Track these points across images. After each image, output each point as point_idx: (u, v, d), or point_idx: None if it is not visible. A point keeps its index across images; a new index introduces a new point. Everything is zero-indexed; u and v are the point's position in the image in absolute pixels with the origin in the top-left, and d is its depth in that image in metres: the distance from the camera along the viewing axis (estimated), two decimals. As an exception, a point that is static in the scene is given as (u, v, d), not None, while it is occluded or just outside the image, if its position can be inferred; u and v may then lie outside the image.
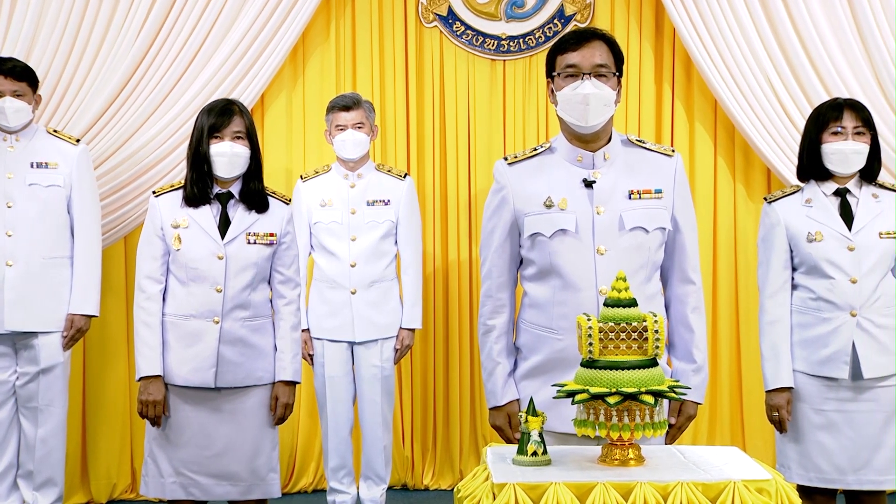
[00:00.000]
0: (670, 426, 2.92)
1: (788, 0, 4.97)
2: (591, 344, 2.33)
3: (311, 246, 4.76)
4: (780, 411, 3.57)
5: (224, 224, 3.57)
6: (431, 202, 5.35)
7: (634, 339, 2.34)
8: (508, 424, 2.96)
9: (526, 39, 5.31)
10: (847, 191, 3.59)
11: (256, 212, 3.60)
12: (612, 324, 2.34)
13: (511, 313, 3.01)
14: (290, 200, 3.75)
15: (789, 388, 3.57)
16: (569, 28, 5.20)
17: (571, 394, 2.33)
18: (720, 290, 5.27)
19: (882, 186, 3.62)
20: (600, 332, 2.33)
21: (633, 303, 2.37)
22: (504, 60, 5.34)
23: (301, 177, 4.87)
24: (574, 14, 5.27)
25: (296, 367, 3.65)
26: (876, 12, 4.94)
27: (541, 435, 2.38)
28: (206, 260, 3.54)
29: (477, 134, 5.35)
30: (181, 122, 5.02)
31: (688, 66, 5.21)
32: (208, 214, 3.57)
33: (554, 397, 2.44)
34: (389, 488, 5.01)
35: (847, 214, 3.57)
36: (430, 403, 5.39)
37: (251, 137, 3.59)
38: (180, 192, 3.60)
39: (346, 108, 4.69)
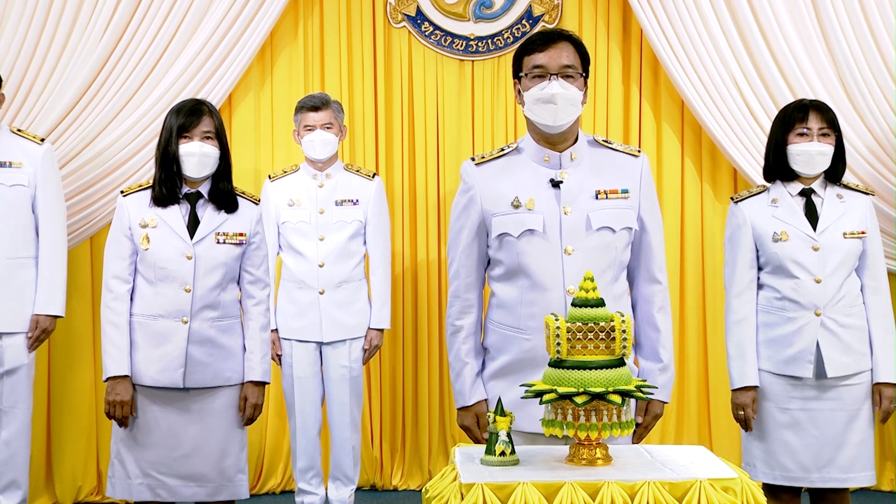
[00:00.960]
0: (637, 425, 2.94)
1: (754, 2, 5.02)
2: (559, 344, 2.34)
3: (280, 246, 4.75)
4: (746, 410, 3.60)
5: (193, 224, 3.56)
6: (400, 202, 5.35)
7: (602, 339, 2.34)
8: (476, 424, 2.96)
9: (494, 40, 5.32)
10: (812, 191, 3.63)
11: (226, 212, 3.59)
12: (580, 324, 2.35)
13: (479, 313, 3.01)
14: (259, 200, 3.74)
15: (755, 387, 3.60)
16: (537, 29, 5.22)
17: (539, 394, 2.34)
18: (687, 289, 5.31)
19: (846, 187, 3.66)
20: (568, 332, 2.34)
21: (600, 303, 2.38)
22: (472, 61, 5.35)
23: (269, 176, 4.85)
24: (542, 15, 5.29)
25: (265, 368, 3.64)
26: (839, 14, 4.99)
27: (509, 435, 2.39)
28: (174, 260, 3.52)
29: (446, 134, 5.36)
30: (148, 122, 4.99)
31: (655, 67, 5.25)
32: (177, 214, 3.55)
33: (522, 397, 2.44)
34: (358, 489, 5.01)
35: (812, 215, 3.61)
36: (398, 404, 5.39)
37: (220, 137, 3.58)
38: (148, 192, 3.58)
39: (315, 109, 4.68)
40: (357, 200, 4.75)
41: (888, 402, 3.56)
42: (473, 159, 3.00)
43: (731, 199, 3.74)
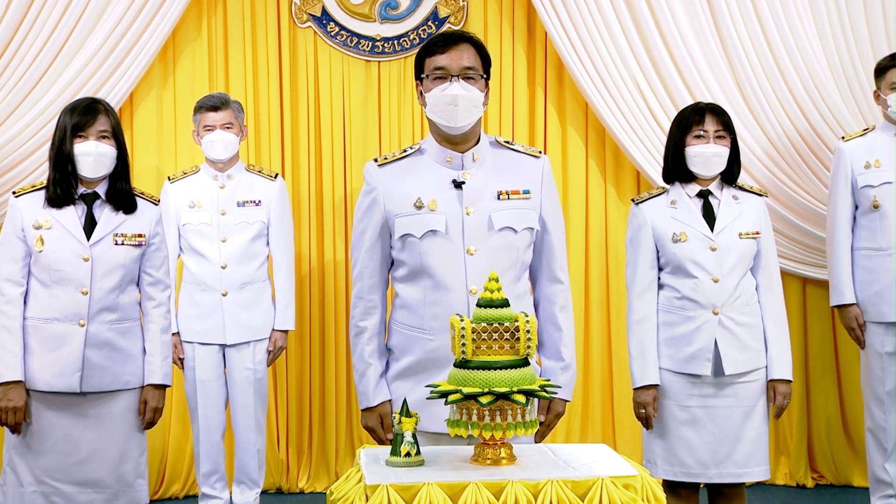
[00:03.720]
0: (540, 424, 2.96)
1: (655, 7, 5.11)
2: (464, 344, 2.35)
3: (181, 248, 4.68)
4: (647, 408, 3.66)
5: (90, 225, 3.49)
6: (306, 203, 5.32)
7: (507, 339, 2.36)
8: (381, 425, 2.96)
9: (400, 41, 5.32)
10: (709, 192, 3.70)
11: (124, 212, 3.53)
12: (485, 324, 2.36)
13: (382, 314, 3.01)
14: (158, 201, 3.68)
15: (655, 386, 3.66)
16: (443, 30, 5.23)
17: (444, 394, 2.34)
18: (591, 290, 5.37)
19: (742, 188, 3.74)
20: (473, 332, 2.35)
21: (505, 303, 2.39)
22: (379, 62, 5.34)
23: (169, 178, 4.78)
24: (448, 16, 5.31)
25: (166, 371, 3.59)
26: (735, 20, 5.11)
27: (414, 436, 2.39)
28: (70, 262, 3.45)
29: (352, 135, 5.34)
30: (44, 122, 4.87)
31: (559, 69, 5.30)
32: (73, 215, 3.48)
33: (427, 398, 2.44)
34: (263, 492, 4.96)
35: (709, 215, 3.68)
36: (305, 406, 5.35)
37: (117, 137, 3.52)
38: (42, 193, 3.50)
39: (215, 109, 4.63)
40: (259, 201, 4.70)
41: (782, 398, 3.65)
42: (376, 160, 3.00)
43: (632, 200, 3.80)
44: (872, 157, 4.51)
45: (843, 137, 4.69)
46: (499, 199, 2.91)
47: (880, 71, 4.55)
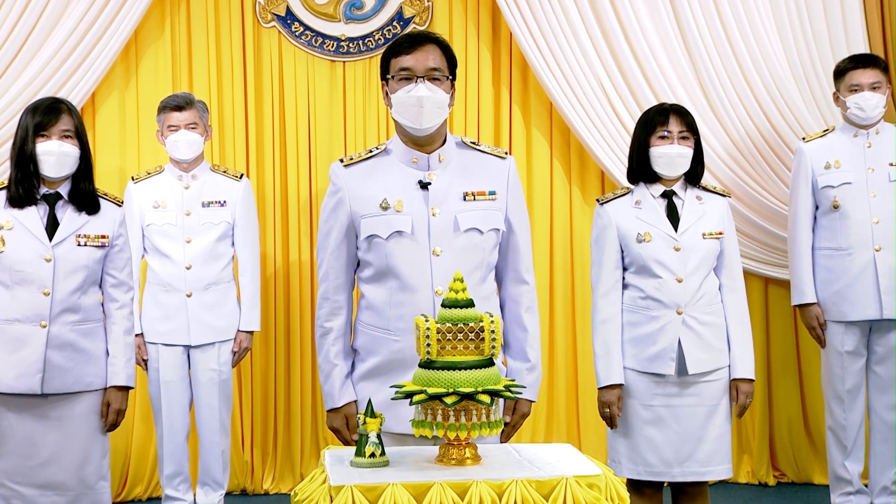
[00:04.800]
0: (505, 424, 2.97)
1: (618, 7, 5.14)
2: (429, 345, 2.35)
3: (144, 248, 4.65)
4: (612, 408, 3.68)
5: (52, 226, 3.46)
6: (272, 203, 5.30)
7: (472, 339, 2.36)
8: (346, 426, 2.96)
9: (366, 41, 5.32)
10: (673, 193, 3.73)
11: (87, 213, 3.51)
12: (450, 325, 2.36)
13: (348, 315, 3.01)
14: (122, 202, 3.66)
15: (620, 385, 3.68)
16: (408, 30, 5.23)
17: (409, 395, 2.35)
18: (556, 290, 5.39)
19: (705, 189, 3.77)
20: (438, 333, 2.35)
21: (470, 304, 2.40)
22: (344, 62, 5.33)
23: (132, 178, 4.75)
24: (413, 17, 5.31)
25: (129, 372, 3.56)
26: (698, 22, 5.15)
27: (379, 436, 2.39)
28: (32, 262, 3.42)
29: (317, 135, 5.32)
30: (3, 122, 4.83)
31: (524, 70, 5.32)
32: (35, 216, 3.45)
33: (392, 398, 2.45)
34: (228, 494, 4.94)
35: (673, 216, 3.70)
36: (270, 407, 5.33)
37: (80, 137, 3.49)
38: (4, 193, 3.47)
39: (179, 108, 4.61)
40: (224, 202, 4.68)
41: (744, 397, 3.68)
42: (342, 161, 2.99)
43: (597, 200, 3.82)
44: (832, 157, 4.56)
45: (803, 138, 4.75)
46: (465, 199, 2.92)
47: (839, 73, 4.61)
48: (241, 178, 4.78)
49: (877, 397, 4.60)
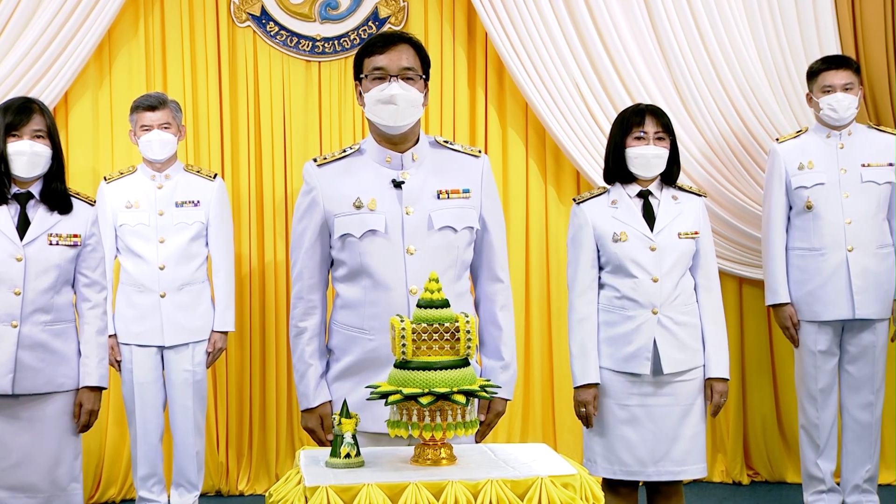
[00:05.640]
0: (480, 423, 2.97)
1: (593, 8, 5.15)
2: (404, 345, 2.35)
3: (117, 249, 4.63)
4: (587, 407, 3.68)
5: (24, 225, 3.43)
6: (247, 204, 5.28)
7: (447, 339, 2.36)
8: (321, 426, 2.95)
9: (341, 41, 5.30)
10: (649, 193, 3.74)
11: (59, 213, 3.49)
12: (425, 325, 2.36)
13: (322, 315, 3.00)
14: (94, 202, 3.64)
15: (596, 385, 3.69)
16: (383, 31, 5.22)
17: (385, 395, 2.34)
18: (532, 289, 5.40)
19: (681, 189, 3.78)
20: (413, 333, 2.35)
21: (445, 304, 2.39)
22: (319, 62, 5.32)
23: (105, 178, 4.73)
24: (388, 17, 5.30)
25: (102, 373, 3.54)
26: (672, 23, 5.16)
27: (354, 437, 2.38)
28: (3, 262, 3.39)
29: (292, 135, 5.31)
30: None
31: (500, 70, 5.32)
32: (6, 215, 3.43)
33: (367, 398, 2.44)
34: (202, 495, 4.92)
35: (649, 216, 3.71)
36: (245, 407, 5.31)
37: (52, 137, 3.48)
38: (-27, 193, 3.44)
39: (152, 108, 4.58)
40: (198, 202, 4.66)
41: (719, 396, 3.69)
42: (316, 160, 2.99)
43: (574, 200, 3.82)
44: (805, 158, 4.59)
45: (777, 139, 4.77)
46: (439, 198, 2.92)
47: (812, 74, 4.64)
48: (214, 177, 4.76)
49: (849, 396, 4.64)
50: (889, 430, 5.07)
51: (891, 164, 4.56)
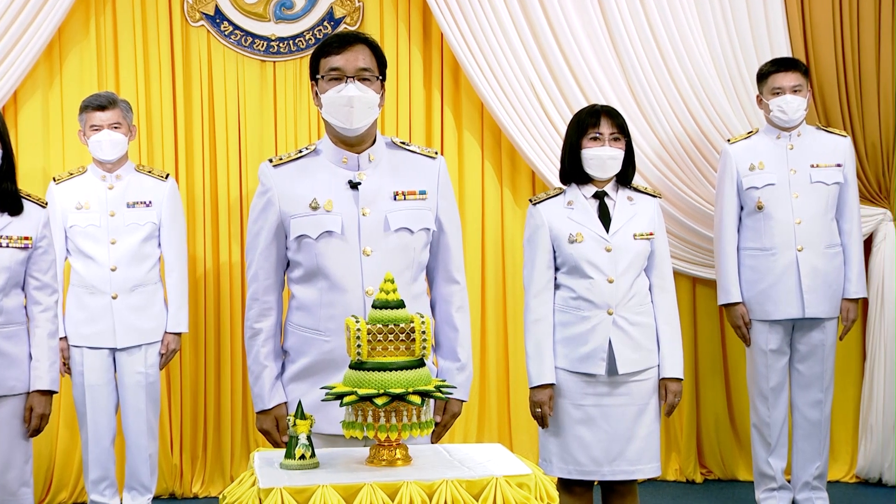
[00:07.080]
0: (436, 424, 2.97)
1: (548, 9, 5.17)
2: (359, 346, 2.34)
3: (68, 250, 4.57)
4: (543, 407, 3.70)
5: (-27, 227, 3.38)
6: (201, 204, 5.24)
7: (402, 340, 2.36)
8: (276, 428, 2.94)
9: (296, 41, 5.28)
10: (605, 194, 3.75)
11: (9, 214, 3.44)
12: (381, 325, 2.35)
13: (278, 316, 2.99)
14: (46, 203, 3.59)
15: (551, 385, 3.70)
16: (339, 31, 5.21)
17: (340, 396, 2.34)
18: (488, 290, 5.41)
19: (636, 190, 3.81)
20: (368, 333, 2.35)
21: (400, 304, 2.39)
22: (274, 62, 5.29)
23: (54, 179, 4.66)
24: (343, 17, 5.29)
25: (53, 376, 3.50)
26: (626, 24, 5.20)
27: (309, 438, 2.37)
28: (-48, 265, 3.34)
29: (247, 135, 5.28)
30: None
31: (456, 71, 5.33)
32: (-46, 217, 3.37)
33: (323, 399, 2.43)
34: (156, 498, 4.87)
35: (605, 216, 3.73)
36: (200, 409, 5.27)
37: (2, 137, 3.43)
38: (-78, 194, 3.38)
39: (102, 108, 4.54)
40: (150, 202, 4.62)
41: (673, 396, 3.72)
42: (271, 161, 2.97)
43: (530, 200, 3.83)
44: (756, 159, 4.65)
45: (728, 140, 4.83)
46: (395, 199, 2.92)
47: (762, 76, 4.70)
48: (166, 178, 4.72)
49: (799, 395, 4.70)
50: (838, 428, 5.15)
51: (839, 165, 4.64)
